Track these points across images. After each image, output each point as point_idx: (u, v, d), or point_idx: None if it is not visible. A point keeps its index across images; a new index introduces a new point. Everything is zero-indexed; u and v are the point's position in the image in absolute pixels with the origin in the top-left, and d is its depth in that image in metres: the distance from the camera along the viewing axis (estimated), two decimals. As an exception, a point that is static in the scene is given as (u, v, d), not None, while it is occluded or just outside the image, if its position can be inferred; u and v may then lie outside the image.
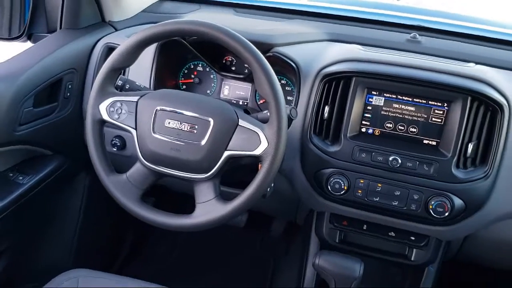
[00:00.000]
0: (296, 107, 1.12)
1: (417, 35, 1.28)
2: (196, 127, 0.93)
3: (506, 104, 1.02)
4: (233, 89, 1.29)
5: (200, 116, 0.93)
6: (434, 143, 1.08)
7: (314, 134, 1.11)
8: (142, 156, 0.96)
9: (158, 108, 0.94)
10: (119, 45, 0.99)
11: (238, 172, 1.05)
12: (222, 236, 1.80)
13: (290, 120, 0.96)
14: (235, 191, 0.95)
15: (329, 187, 1.09)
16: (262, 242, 1.89)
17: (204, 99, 0.99)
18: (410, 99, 1.07)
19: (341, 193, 1.09)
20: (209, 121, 0.92)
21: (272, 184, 1.05)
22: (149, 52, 1.20)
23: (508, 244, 1.13)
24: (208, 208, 0.93)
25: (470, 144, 1.03)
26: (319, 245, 1.25)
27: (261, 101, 1.25)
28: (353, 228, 1.20)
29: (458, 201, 1.04)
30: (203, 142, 0.92)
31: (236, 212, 0.91)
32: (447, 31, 1.36)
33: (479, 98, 1.02)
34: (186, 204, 1.08)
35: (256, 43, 0.93)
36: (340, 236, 1.22)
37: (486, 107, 1.03)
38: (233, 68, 1.28)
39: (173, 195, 1.45)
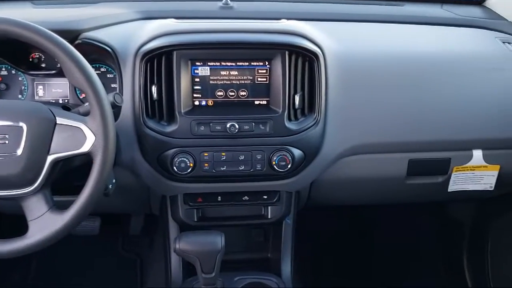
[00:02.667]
0: (122, 93, 1.05)
1: (229, 1, 1.28)
2: (7, 136, 0.81)
3: (320, 53, 1.08)
4: (49, 88, 1.16)
5: (9, 124, 0.82)
6: (264, 102, 1.10)
7: (147, 118, 1.06)
8: None
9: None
10: None
11: (72, 177, 0.95)
12: (80, 247, 1.66)
13: (116, 107, 0.89)
14: (73, 198, 0.86)
15: (175, 168, 1.06)
16: (123, 243, 1.79)
17: (10, 104, 0.88)
18: (234, 64, 1.08)
19: (188, 171, 1.06)
20: (21, 127, 0.81)
21: (114, 180, 0.98)
22: None
23: (347, 181, 1.22)
24: (43, 223, 0.83)
25: (296, 96, 1.08)
26: (178, 229, 1.22)
27: (83, 95, 1.15)
28: (208, 202, 1.18)
29: (297, 152, 1.08)
30: (19, 151, 0.81)
31: (76, 219, 0.83)
32: None
33: (295, 50, 1.07)
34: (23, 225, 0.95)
35: (59, 32, 0.85)
36: (198, 214, 1.20)
37: (303, 58, 1.08)
38: (43, 65, 1.15)
39: (9, 218, 1.28)
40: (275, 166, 1.08)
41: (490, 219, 1.57)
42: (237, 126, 1.05)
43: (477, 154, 1.20)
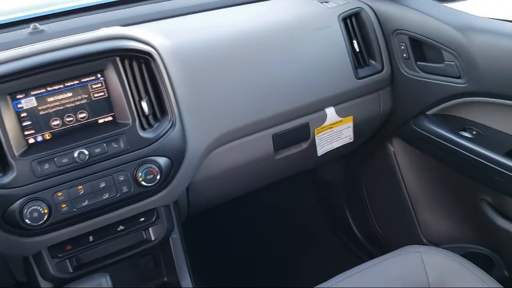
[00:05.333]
0: None
1: (38, 25, 1.14)
2: None
3: (154, 51, 1.01)
4: None
5: None
6: (110, 118, 1.00)
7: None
8: None
9: None
10: None
11: None
12: None
13: None
14: None
15: (27, 221, 0.90)
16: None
17: None
18: (62, 86, 0.95)
19: (44, 219, 0.91)
20: None
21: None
22: None
23: (222, 175, 1.18)
24: None
25: (142, 102, 0.99)
26: (54, 288, 1.05)
27: None
28: (80, 247, 1.04)
29: (162, 160, 1.00)
30: None
31: None
32: (68, 11, 1.27)
33: (126, 55, 0.98)
34: None
35: None
36: (72, 263, 1.04)
37: (138, 61, 1.00)
38: None
39: None
40: (143, 183, 0.98)
41: (359, 173, 1.66)
42: (86, 153, 0.93)
43: (330, 111, 1.24)
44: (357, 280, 1.01)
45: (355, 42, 1.26)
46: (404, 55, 1.24)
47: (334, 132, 1.28)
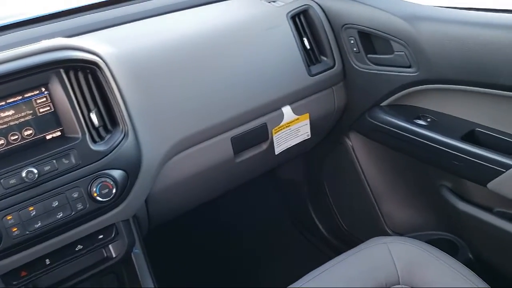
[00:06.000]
0: None
1: None
2: None
3: (100, 60, 0.97)
4: None
5: None
6: (58, 133, 0.95)
7: None
8: None
9: None
10: None
11: None
12: None
13: None
14: None
15: None
16: None
17: None
18: (4, 103, 0.90)
19: None
20: None
21: None
22: None
23: (182, 183, 1.14)
24: None
25: (92, 114, 0.95)
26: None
27: None
28: (36, 272, 0.98)
29: (117, 173, 0.96)
30: None
31: None
32: (8, 25, 1.20)
33: (70, 65, 0.94)
34: None
35: None
36: (30, 290, 0.99)
37: (84, 72, 0.96)
38: None
39: None
40: (98, 198, 0.94)
41: (320, 169, 1.66)
42: (35, 171, 0.87)
43: (287, 110, 1.23)
44: (327, 278, 1.00)
45: (305, 39, 1.26)
46: (354, 49, 1.25)
47: (292, 131, 1.27)
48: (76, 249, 1.01)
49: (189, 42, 1.13)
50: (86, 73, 0.96)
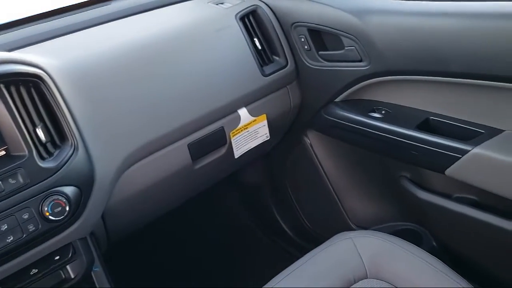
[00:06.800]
0: None
1: None
2: None
3: (43, 72, 0.92)
4: None
5: None
6: (3, 152, 0.89)
7: None
8: None
9: None
10: None
11: None
12: None
13: None
14: None
15: None
16: None
17: None
18: None
19: None
20: None
21: None
22: None
23: (140, 195, 1.10)
24: None
25: (37, 129, 0.90)
26: None
27: None
28: None
29: (69, 189, 0.91)
30: None
31: None
32: None
33: (10, 80, 0.88)
34: None
35: None
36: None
37: (26, 86, 0.90)
38: None
39: None
40: (51, 217, 0.89)
41: (281, 170, 1.66)
42: None
43: (243, 112, 1.22)
44: (295, 278, 0.99)
45: (256, 40, 1.25)
46: (306, 47, 1.25)
47: (250, 133, 1.25)
48: (31, 273, 0.95)
49: (137, 49, 1.09)
50: (28, 87, 0.91)
